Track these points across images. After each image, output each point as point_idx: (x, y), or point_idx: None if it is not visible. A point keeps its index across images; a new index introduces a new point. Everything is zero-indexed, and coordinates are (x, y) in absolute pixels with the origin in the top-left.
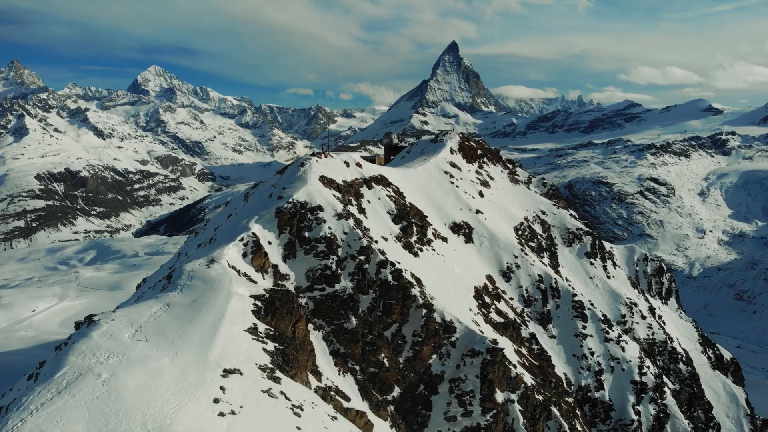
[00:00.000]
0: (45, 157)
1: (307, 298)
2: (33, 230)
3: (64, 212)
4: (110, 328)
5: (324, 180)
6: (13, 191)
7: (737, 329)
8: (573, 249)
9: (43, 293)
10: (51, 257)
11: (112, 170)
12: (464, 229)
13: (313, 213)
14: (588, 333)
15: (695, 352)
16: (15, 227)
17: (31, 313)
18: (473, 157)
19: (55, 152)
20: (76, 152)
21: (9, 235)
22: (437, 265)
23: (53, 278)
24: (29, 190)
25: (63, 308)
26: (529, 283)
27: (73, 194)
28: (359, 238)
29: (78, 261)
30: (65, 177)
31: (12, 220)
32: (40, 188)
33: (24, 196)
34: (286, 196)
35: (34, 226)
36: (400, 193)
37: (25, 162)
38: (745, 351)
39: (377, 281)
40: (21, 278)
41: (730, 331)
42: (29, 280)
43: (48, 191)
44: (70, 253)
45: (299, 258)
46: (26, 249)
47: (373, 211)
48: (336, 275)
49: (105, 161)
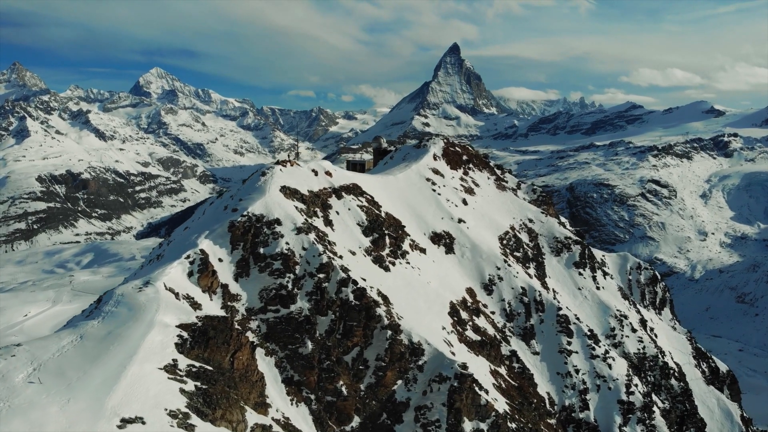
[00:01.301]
0: (46, 159)
1: (259, 320)
2: (34, 232)
3: (65, 214)
4: (5, 366)
5: (286, 191)
6: (14, 193)
7: (739, 332)
8: (561, 258)
9: (37, 297)
10: (48, 260)
11: (113, 172)
12: (445, 239)
13: (270, 227)
14: (573, 349)
15: (689, 366)
16: (16, 229)
17: (23, 317)
18: (458, 163)
19: (57, 154)
20: (78, 154)
21: (10, 237)
22: (410, 280)
23: (48, 282)
24: (30, 192)
25: (55, 313)
26: (512, 296)
27: (74, 196)
28: (319, 254)
29: (75, 264)
30: (66, 179)
31: (13, 222)
32: (42, 190)
33: (25, 198)
34: (241, 208)
35: (35, 228)
36: (374, 203)
37: (26, 164)
38: (747, 354)
39: (337, 301)
40: (17, 281)
41: (732, 334)
42: (24, 283)
43: (49, 193)
44: (68, 256)
45: (253, 276)
46: (24, 252)
47: (341, 223)
48: (292, 295)
49: (106, 163)
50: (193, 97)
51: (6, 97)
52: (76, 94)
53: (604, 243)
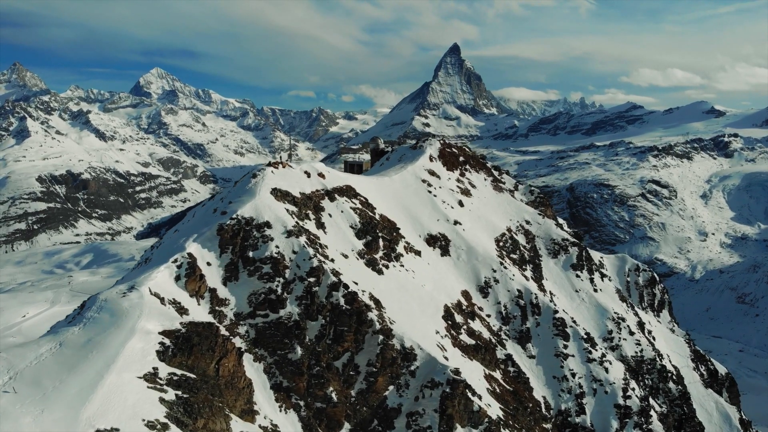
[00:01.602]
0: (47, 159)
1: (248, 325)
2: (34, 233)
3: (65, 214)
4: None
5: (277, 193)
6: (14, 193)
7: (739, 333)
8: (558, 261)
9: (35, 298)
10: (48, 260)
11: (113, 172)
12: (440, 242)
13: (260, 230)
14: (569, 353)
15: (687, 369)
16: (16, 229)
17: (21, 318)
18: (454, 164)
19: (57, 154)
20: (78, 154)
21: (10, 237)
22: (404, 283)
23: (47, 282)
24: (30, 193)
25: (53, 314)
26: (508, 299)
27: (74, 196)
28: (309, 258)
29: (74, 265)
30: (67, 179)
31: (13, 222)
32: (42, 190)
33: (25, 198)
34: (230, 211)
35: (36, 228)
36: (368, 205)
37: (26, 164)
38: (748, 355)
39: (327, 306)
40: (16, 282)
41: (732, 334)
42: (23, 284)
43: (49, 193)
44: (67, 257)
45: (242, 281)
46: (24, 252)
47: (334, 226)
48: (281, 300)
49: (107, 163)
50: (194, 97)
51: (6, 97)
52: (77, 95)
53: (604, 243)
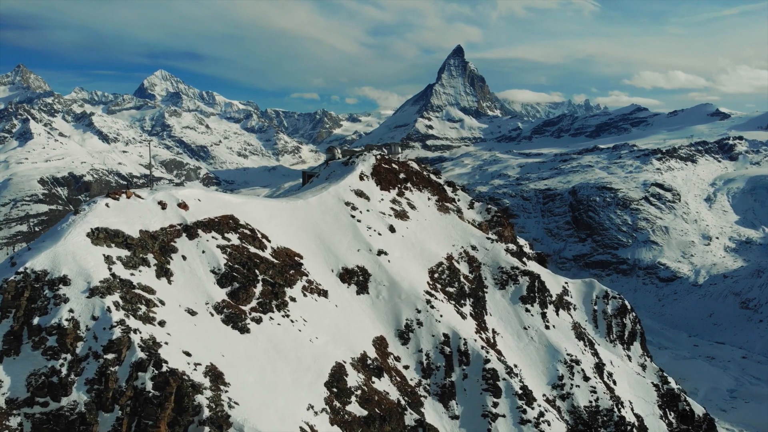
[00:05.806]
0: (49, 161)
1: (23, 415)
2: (36, 235)
3: None
4: None
5: (99, 234)
6: (16, 195)
7: (743, 339)
8: (506, 292)
9: None
10: None
11: (116, 174)
12: (358, 276)
13: (53, 288)
14: (499, 412)
15: (652, 418)
16: (18, 232)
17: None
18: (392, 182)
19: (60, 156)
20: (81, 156)
21: (12, 239)
22: (278, 342)
23: None
24: (32, 195)
25: None
26: (432, 346)
27: (76, 199)
28: (111, 327)
29: None
30: (69, 181)
31: (15, 224)
32: (44, 192)
33: (27, 200)
34: (20, 262)
35: (37, 230)
36: (254, 239)
37: (29, 166)
38: (751, 361)
39: (128, 391)
40: None
41: (735, 340)
42: None
43: (51, 196)
44: None
45: (24, 355)
46: None
47: (186, 272)
48: (64, 384)
49: (109, 166)
50: (198, 99)
51: (10, 99)
52: (81, 97)
53: (607, 248)
